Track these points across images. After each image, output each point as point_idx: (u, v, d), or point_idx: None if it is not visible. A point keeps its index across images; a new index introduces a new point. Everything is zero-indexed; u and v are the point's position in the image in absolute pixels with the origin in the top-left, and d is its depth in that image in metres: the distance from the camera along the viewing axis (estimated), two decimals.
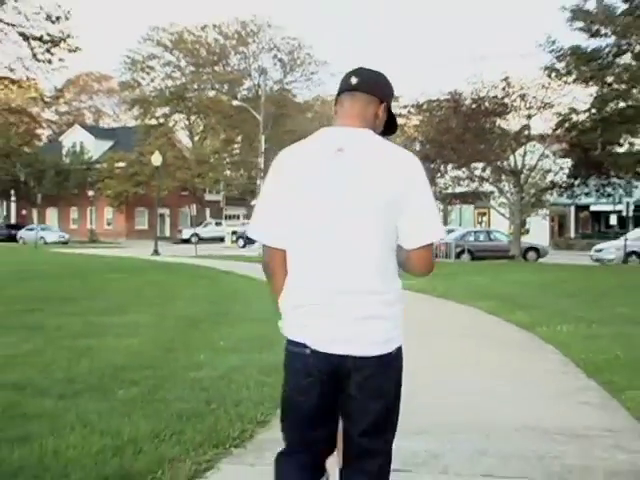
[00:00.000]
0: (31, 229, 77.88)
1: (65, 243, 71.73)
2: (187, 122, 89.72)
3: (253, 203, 75.72)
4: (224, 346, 13.15)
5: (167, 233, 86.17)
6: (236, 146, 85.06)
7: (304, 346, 4.39)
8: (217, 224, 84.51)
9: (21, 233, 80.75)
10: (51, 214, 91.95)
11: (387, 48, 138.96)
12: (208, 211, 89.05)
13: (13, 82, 29.84)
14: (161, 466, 6.70)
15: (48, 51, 24.86)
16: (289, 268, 4.61)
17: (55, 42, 24.89)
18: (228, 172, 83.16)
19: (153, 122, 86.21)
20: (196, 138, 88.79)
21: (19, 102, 75.45)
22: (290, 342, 4.54)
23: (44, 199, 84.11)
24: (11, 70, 26.68)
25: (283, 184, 4.56)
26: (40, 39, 24.59)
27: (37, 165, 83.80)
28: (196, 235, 72.54)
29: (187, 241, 74.96)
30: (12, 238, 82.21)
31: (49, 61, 25.16)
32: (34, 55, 24.61)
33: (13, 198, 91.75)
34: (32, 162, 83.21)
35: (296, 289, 4.55)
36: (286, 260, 4.62)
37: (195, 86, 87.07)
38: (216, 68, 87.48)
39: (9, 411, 8.65)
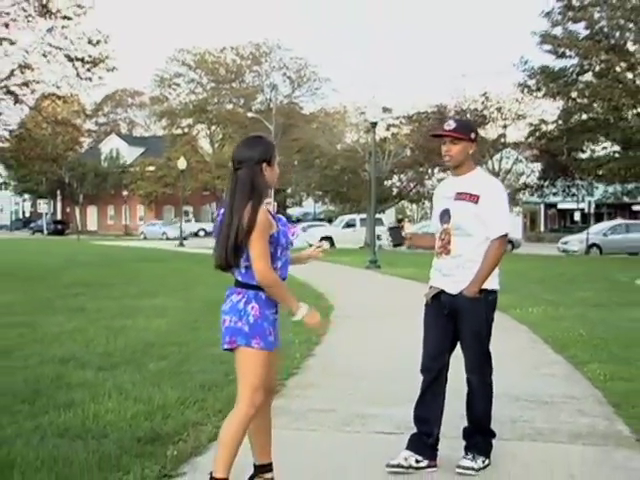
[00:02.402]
0: (153, 224, 77.50)
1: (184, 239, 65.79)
2: (208, 131, 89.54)
3: (267, 202, 75.32)
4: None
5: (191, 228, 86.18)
6: None
7: None
8: None
9: (143, 228, 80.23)
10: (91, 211, 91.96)
11: (381, 67, 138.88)
12: None
13: (59, 98, 29.78)
14: (186, 429, 6.75)
15: (89, 70, 24.80)
16: None
17: (95, 63, 24.85)
18: None
19: (179, 131, 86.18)
20: (216, 145, 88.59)
21: (64, 114, 75.13)
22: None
23: (85, 198, 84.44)
24: (58, 87, 26.62)
25: None
26: (82, 60, 24.54)
27: (79, 169, 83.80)
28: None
29: (209, 234, 74.78)
30: (59, 232, 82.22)
31: (90, 79, 25.12)
32: (77, 74, 24.56)
33: (59, 197, 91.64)
34: (75, 166, 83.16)
35: None
36: None
37: (215, 100, 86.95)
38: (233, 84, 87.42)
39: (56, 381, 8.69)
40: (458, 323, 6.02)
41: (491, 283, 5.95)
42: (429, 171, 55.60)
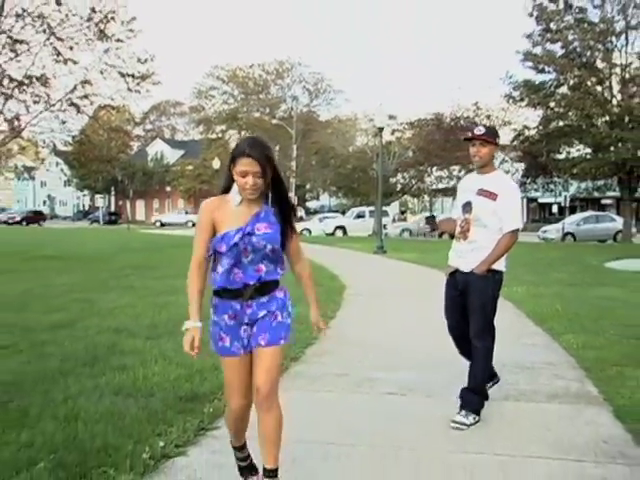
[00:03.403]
0: (179, 213, 76.90)
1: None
2: (238, 136, 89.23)
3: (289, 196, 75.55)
4: None
5: None
6: (275, 154, 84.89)
7: None
8: None
9: (159, 217, 79.16)
10: (139, 204, 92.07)
11: (387, 80, 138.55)
12: None
13: (113, 108, 29.91)
14: (220, 389, 6.74)
15: (138, 85, 24.91)
16: None
17: (143, 78, 24.94)
18: None
19: (213, 136, 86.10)
20: None
21: (117, 122, 75.28)
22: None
23: (134, 193, 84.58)
24: (112, 99, 26.72)
25: None
26: (132, 76, 24.63)
27: (129, 168, 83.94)
28: None
29: None
30: (112, 222, 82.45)
31: (139, 92, 25.22)
32: (128, 88, 24.65)
33: (113, 193, 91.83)
34: (126, 166, 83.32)
35: None
36: None
37: (244, 109, 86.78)
38: (260, 96, 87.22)
39: (111, 348, 8.74)
40: (467, 296, 6.19)
41: (498, 265, 6.17)
42: (428, 169, 55.55)
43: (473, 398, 6.15)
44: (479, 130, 6.19)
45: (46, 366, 7.75)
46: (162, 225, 76.39)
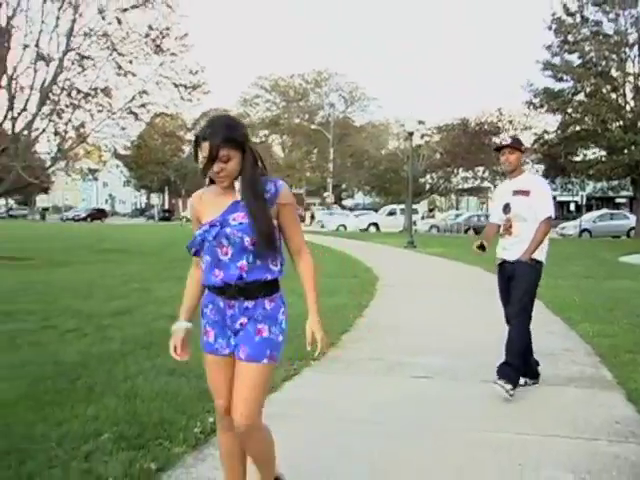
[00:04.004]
0: (331, 214, 76.68)
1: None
2: (280, 140, 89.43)
3: (325, 195, 75.65)
4: (302, 293, 13.23)
5: None
6: (313, 156, 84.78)
7: None
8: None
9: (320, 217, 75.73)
10: (190, 203, 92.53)
11: (417, 88, 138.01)
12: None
13: (167, 115, 30.33)
14: None
15: (190, 94, 25.05)
16: None
17: (194, 88, 25.09)
18: (308, 173, 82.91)
19: (257, 140, 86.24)
20: (286, 151, 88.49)
21: (171, 128, 75.76)
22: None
23: (186, 192, 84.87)
24: (166, 107, 26.90)
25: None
26: (185, 86, 24.79)
27: (182, 170, 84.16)
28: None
29: None
30: (166, 219, 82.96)
31: (190, 100, 25.35)
32: (181, 97, 24.81)
33: (166, 192, 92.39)
34: (178, 168, 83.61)
35: None
36: None
37: (285, 116, 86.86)
38: (300, 103, 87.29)
39: (166, 333, 8.73)
40: (512, 282, 6.46)
41: (540, 255, 6.47)
42: (454, 171, 55.36)
43: (510, 371, 6.27)
44: (505, 140, 6.66)
45: (109, 348, 7.84)
46: (188, 220, 76.70)
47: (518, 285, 6.41)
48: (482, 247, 6.67)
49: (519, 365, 6.40)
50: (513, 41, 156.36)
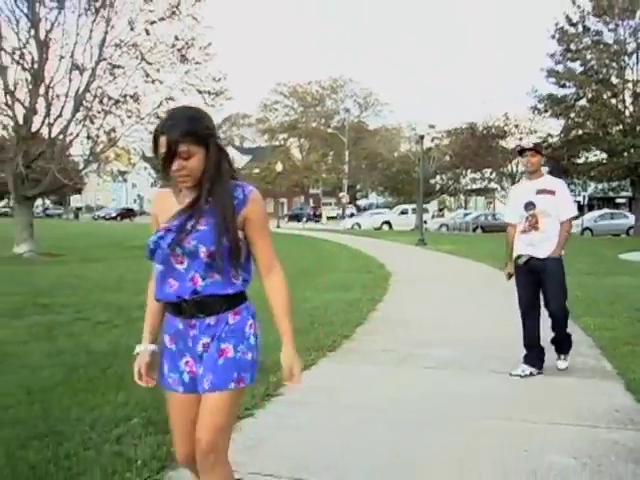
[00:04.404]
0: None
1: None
2: (298, 143, 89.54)
3: (340, 195, 75.65)
4: (322, 287, 13.24)
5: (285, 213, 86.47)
6: (329, 158, 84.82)
7: None
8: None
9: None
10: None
11: (428, 94, 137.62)
12: (311, 200, 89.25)
13: None
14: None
15: (213, 100, 25.13)
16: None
17: (217, 94, 25.18)
18: (324, 175, 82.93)
19: (276, 143, 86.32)
20: (304, 153, 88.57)
21: None
22: None
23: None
24: None
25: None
26: (208, 93, 24.90)
27: None
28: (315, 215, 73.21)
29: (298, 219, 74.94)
30: None
31: (213, 106, 25.43)
32: (205, 103, 24.87)
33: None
34: None
35: None
36: None
37: (303, 120, 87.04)
38: (317, 108, 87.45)
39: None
40: (545, 278, 6.65)
41: (563, 250, 6.76)
42: (463, 172, 55.27)
43: (564, 343, 6.92)
44: (528, 144, 6.75)
45: (138, 339, 7.86)
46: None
47: (555, 280, 6.64)
48: (512, 275, 6.93)
49: (564, 337, 6.90)
50: (519, 49, 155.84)
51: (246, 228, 2.80)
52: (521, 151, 6.77)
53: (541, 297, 6.80)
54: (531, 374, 6.62)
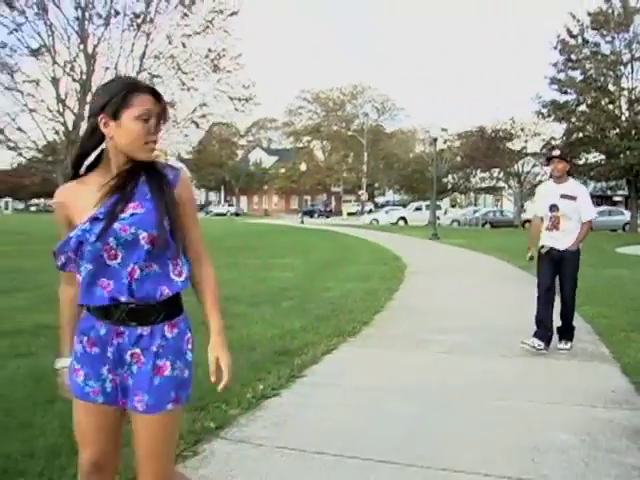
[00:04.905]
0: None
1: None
2: (321, 145, 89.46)
3: (360, 192, 75.59)
4: (343, 278, 13.25)
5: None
6: (349, 159, 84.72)
7: None
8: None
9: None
10: (243, 199, 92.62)
11: (440, 99, 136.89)
12: (333, 197, 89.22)
13: (223, 124, 30.75)
14: (307, 346, 6.83)
15: (243, 105, 25.29)
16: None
17: (247, 100, 25.33)
18: (344, 174, 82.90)
19: (301, 145, 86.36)
20: (326, 154, 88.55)
21: (226, 135, 76.39)
22: None
23: (239, 191, 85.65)
24: (223, 117, 27.30)
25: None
26: (238, 99, 25.06)
27: (236, 171, 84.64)
28: (325, 211, 73.20)
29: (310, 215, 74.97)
30: (222, 214, 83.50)
31: (243, 111, 25.60)
32: (235, 108, 25.08)
33: (222, 190, 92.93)
34: (233, 169, 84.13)
35: None
36: None
37: (325, 123, 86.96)
38: (338, 113, 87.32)
39: (222, 312, 8.88)
40: (562, 267, 7.08)
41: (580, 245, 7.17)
42: (473, 172, 55.10)
43: (568, 332, 7.11)
44: (556, 152, 7.12)
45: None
46: (237, 215, 76.92)
47: (569, 272, 7.08)
48: (532, 258, 7.35)
49: (571, 326, 7.16)
50: (524, 59, 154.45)
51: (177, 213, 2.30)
52: (549, 158, 7.17)
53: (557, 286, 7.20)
54: (538, 347, 6.83)
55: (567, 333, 7.14)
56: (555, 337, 7.11)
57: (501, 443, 4.26)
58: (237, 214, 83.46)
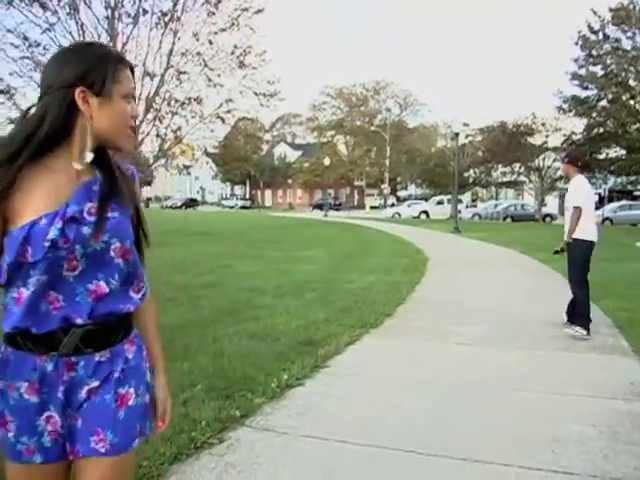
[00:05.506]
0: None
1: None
2: (344, 140, 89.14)
3: (382, 187, 75.40)
4: (365, 270, 13.25)
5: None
6: (372, 154, 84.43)
7: None
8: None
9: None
10: (267, 193, 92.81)
11: (462, 94, 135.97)
12: (356, 191, 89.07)
13: (248, 119, 30.78)
14: (330, 337, 6.85)
15: (267, 101, 25.27)
16: None
17: (271, 96, 25.31)
18: (367, 168, 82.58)
19: (324, 140, 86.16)
20: (349, 149, 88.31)
21: (251, 130, 76.46)
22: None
23: (264, 184, 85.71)
24: (248, 112, 27.30)
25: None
26: (264, 95, 25.04)
27: (260, 165, 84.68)
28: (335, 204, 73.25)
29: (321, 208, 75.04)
30: (246, 207, 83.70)
31: (268, 107, 25.58)
32: (260, 104, 25.05)
33: (247, 184, 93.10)
34: (257, 164, 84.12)
35: None
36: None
37: (349, 119, 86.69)
38: (361, 108, 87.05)
39: (247, 303, 8.94)
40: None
41: (580, 235, 7.42)
42: (494, 166, 54.75)
43: (578, 318, 7.27)
44: (561, 156, 7.65)
45: (200, 315, 8.00)
46: (264, 208, 76.91)
47: (568, 257, 7.68)
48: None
49: (584, 314, 7.31)
50: (545, 54, 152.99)
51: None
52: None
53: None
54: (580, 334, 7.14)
55: (575, 319, 7.38)
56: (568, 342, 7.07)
57: (520, 434, 4.25)
58: (243, 207, 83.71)
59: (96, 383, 1.74)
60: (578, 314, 7.31)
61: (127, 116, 1.76)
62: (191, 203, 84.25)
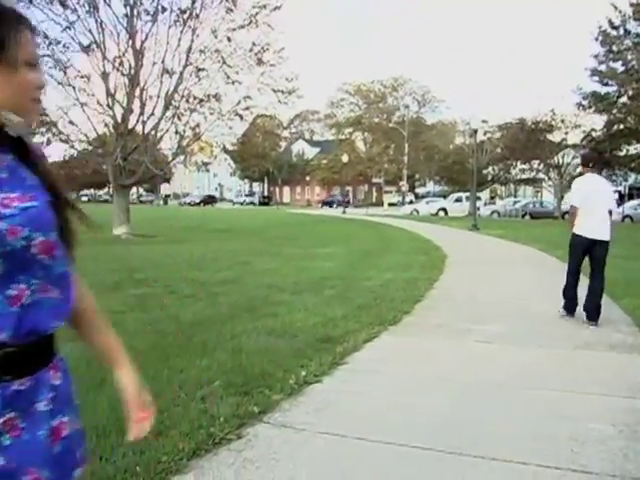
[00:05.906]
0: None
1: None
2: (362, 137, 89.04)
3: (401, 184, 75.26)
4: (383, 267, 13.23)
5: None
6: (390, 150, 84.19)
7: None
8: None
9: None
10: (285, 190, 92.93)
11: (480, 91, 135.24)
12: (374, 188, 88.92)
13: (267, 116, 30.81)
14: (348, 334, 6.84)
15: (286, 98, 25.31)
16: None
17: (289, 93, 25.34)
18: (386, 165, 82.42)
19: (342, 137, 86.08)
20: (367, 146, 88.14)
21: (270, 127, 76.62)
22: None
23: (282, 181, 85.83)
24: (266, 109, 27.35)
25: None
26: (282, 92, 25.08)
27: (278, 162, 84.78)
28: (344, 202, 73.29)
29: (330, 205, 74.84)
30: (265, 204, 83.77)
31: (286, 104, 25.62)
32: (278, 101, 25.09)
33: (266, 181, 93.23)
34: (276, 160, 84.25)
35: None
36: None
37: (367, 116, 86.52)
38: (379, 105, 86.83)
39: (265, 300, 8.95)
40: None
41: (575, 230, 7.95)
42: (513, 163, 54.53)
43: (594, 312, 7.77)
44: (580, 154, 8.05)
45: (218, 311, 8.02)
46: (282, 204, 76.94)
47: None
48: None
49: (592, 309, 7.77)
50: (565, 50, 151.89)
51: None
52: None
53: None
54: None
55: (592, 314, 7.77)
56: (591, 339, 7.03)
57: (538, 432, 4.22)
58: (252, 203, 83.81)
59: (12, 415, 1.37)
60: (595, 307, 7.69)
61: (31, 86, 1.43)
62: (209, 200, 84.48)
